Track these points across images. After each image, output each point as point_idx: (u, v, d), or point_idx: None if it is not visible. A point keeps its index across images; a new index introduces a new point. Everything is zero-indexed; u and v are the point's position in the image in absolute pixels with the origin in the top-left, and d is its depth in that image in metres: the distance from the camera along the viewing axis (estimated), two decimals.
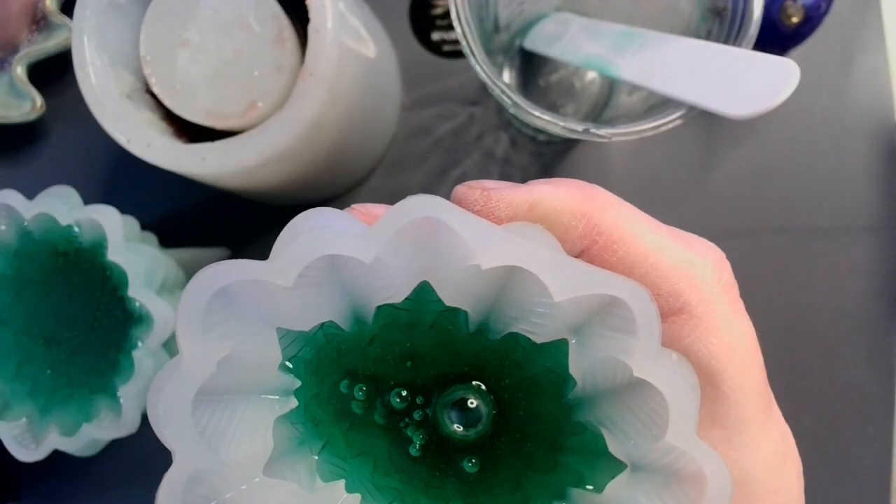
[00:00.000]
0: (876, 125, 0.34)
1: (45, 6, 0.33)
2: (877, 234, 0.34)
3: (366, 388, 0.14)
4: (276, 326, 0.11)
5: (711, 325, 0.13)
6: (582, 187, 0.13)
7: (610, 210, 0.13)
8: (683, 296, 0.13)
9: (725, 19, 0.22)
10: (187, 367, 0.10)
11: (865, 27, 0.34)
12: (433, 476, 0.14)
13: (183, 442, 0.10)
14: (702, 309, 0.13)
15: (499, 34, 0.30)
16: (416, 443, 0.14)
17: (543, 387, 0.13)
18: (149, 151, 0.24)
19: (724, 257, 0.14)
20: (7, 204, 0.24)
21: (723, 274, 0.13)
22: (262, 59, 0.24)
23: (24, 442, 0.24)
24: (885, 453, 0.33)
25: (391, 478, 0.13)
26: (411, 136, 0.35)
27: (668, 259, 0.13)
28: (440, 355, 0.14)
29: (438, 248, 0.10)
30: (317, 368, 0.13)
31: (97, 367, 0.26)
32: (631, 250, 0.13)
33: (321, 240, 0.10)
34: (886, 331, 0.34)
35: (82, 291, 0.26)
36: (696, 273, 0.13)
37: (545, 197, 0.13)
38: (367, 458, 0.13)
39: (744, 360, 0.13)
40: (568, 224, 0.13)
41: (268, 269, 0.10)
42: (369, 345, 0.13)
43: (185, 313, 0.10)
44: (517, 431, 0.14)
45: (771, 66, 0.19)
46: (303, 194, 0.32)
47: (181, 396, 0.10)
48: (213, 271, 0.10)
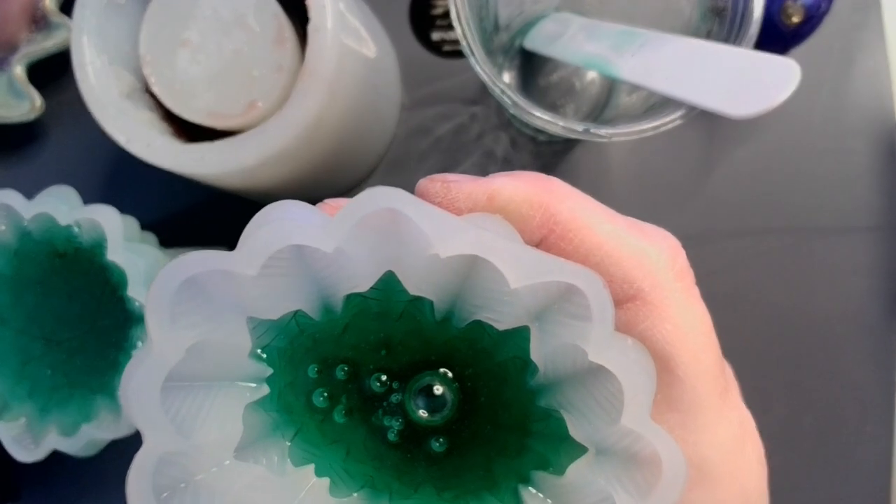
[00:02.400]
0: (876, 125, 0.34)
1: (45, 6, 0.33)
2: (877, 234, 0.34)
3: (347, 370, 0.14)
4: (246, 316, 0.11)
5: (665, 311, 0.13)
6: (539, 179, 0.14)
7: (566, 200, 0.13)
8: (637, 283, 0.13)
9: (725, 19, 0.22)
10: (156, 354, 0.10)
11: (866, 27, 0.34)
12: (406, 461, 0.14)
13: (152, 425, 0.10)
14: (655, 295, 0.13)
15: (499, 34, 0.30)
16: (393, 428, 0.14)
17: (510, 373, 0.13)
18: (148, 151, 0.24)
19: (679, 245, 0.14)
20: (7, 204, 0.24)
21: (676, 261, 0.14)
22: (261, 58, 0.24)
23: (23, 442, 0.24)
24: (885, 453, 0.33)
25: (364, 464, 0.14)
26: (411, 136, 0.35)
27: (623, 247, 0.13)
28: (412, 343, 0.14)
29: (400, 238, 0.11)
30: (291, 357, 0.13)
31: (97, 368, 0.26)
32: (586, 239, 0.13)
33: (284, 230, 0.10)
34: (886, 331, 0.34)
35: (82, 291, 0.26)
36: (650, 261, 0.13)
37: (503, 188, 0.13)
38: (340, 446, 0.14)
39: (697, 344, 0.13)
40: (525, 214, 0.13)
41: (233, 259, 0.10)
42: (343, 334, 0.14)
43: (153, 303, 0.10)
44: (485, 417, 0.14)
45: (771, 65, 0.19)
46: (302, 194, 0.32)
47: (150, 382, 0.10)
48: (180, 262, 0.10)
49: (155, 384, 0.10)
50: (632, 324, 0.13)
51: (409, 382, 0.15)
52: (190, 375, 0.11)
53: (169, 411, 0.10)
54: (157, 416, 0.10)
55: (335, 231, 0.10)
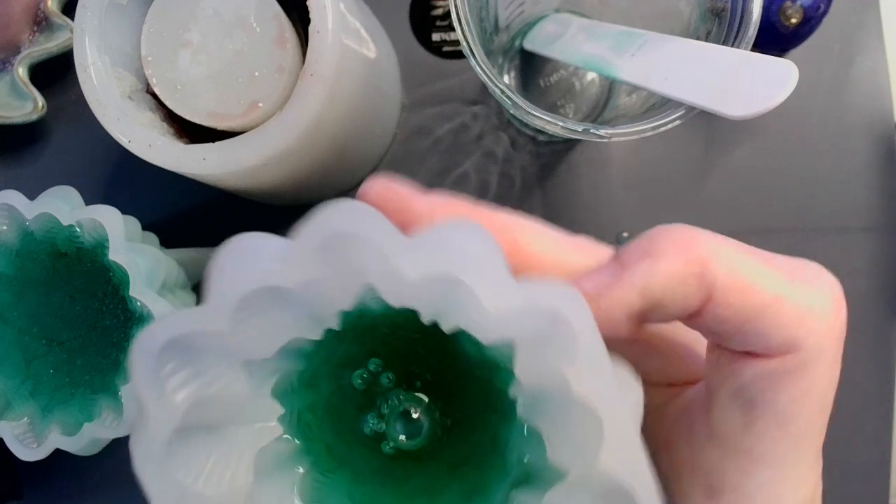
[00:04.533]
0: (875, 126, 0.34)
1: (47, 7, 0.33)
2: (876, 235, 0.34)
3: (372, 369, 0.14)
4: (241, 360, 0.11)
5: (809, 373, 0.12)
6: (682, 245, 0.12)
7: (721, 261, 0.12)
8: (797, 343, 0.12)
9: (724, 20, 0.22)
10: (153, 425, 0.10)
11: (864, 28, 0.34)
12: (400, 478, 0.14)
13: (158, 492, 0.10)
14: (807, 356, 0.12)
15: (499, 35, 0.30)
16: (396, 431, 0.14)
17: (500, 369, 0.13)
18: (150, 152, 0.24)
19: (842, 294, 0.13)
20: (9, 204, 0.24)
21: (838, 319, 0.13)
22: (263, 59, 0.24)
23: (25, 441, 0.24)
24: (885, 453, 0.33)
25: (366, 486, 0.14)
26: (411, 136, 0.35)
27: (786, 306, 0.12)
28: (409, 343, 0.14)
29: (367, 259, 0.10)
30: (311, 379, 0.13)
31: (98, 367, 0.26)
32: (747, 302, 0.12)
33: (245, 275, 0.10)
34: (886, 331, 0.34)
35: (84, 291, 0.26)
36: (813, 320, 0.12)
37: (651, 280, 0.12)
38: (346, 470, 0.14)
39: (820, 407, 0.13)
40: (684, 293, 0.12)
41: (203, 317, 0.10)
42: (349, 344, 0.14)
43: (138, 374, 0.10)
44: (478, 406, 0.14)
45: (770, 66, 0.19)
46: (303, 194, 0.32)
47: (151, 450, 0.10)
48: (153, 328, 0.10)
49: (156, 451, 0.10)
50: (772, 375, 0.12)
51: (390, 408, 0.15)
52: (194, 425, 0.10)
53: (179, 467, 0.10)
54: (163, 482, 0.10)
55: (297, 262, 0.10)
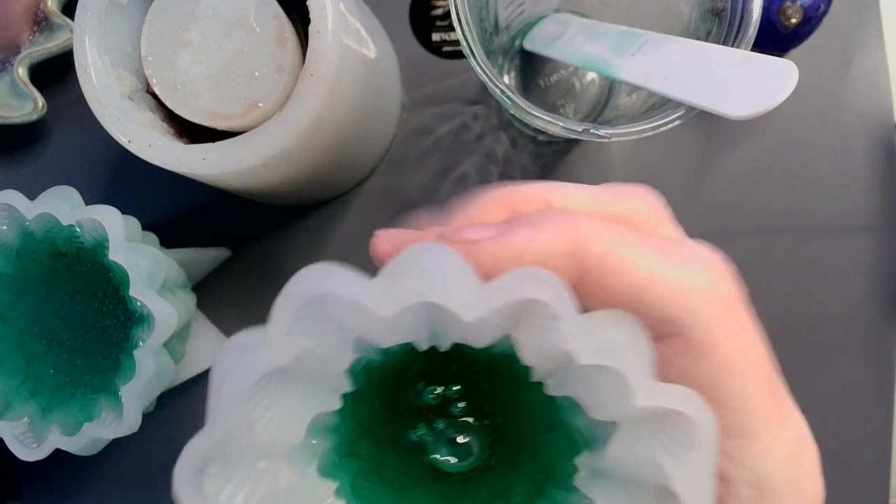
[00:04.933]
0: (875, 126, 0.34)
1: (47, 7, 0.33)
2: (876, 235, 0.34)
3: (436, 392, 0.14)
4: (355, 336, 0.11)
5: (707, 344, 0.13)
6: (563, 224, 0.13)
7: (596, 243, 0.13)
8: (678, 321, 0.13)
9: (724, 20, 0.22)
10: (264, 354, 0.10)
11: (864, 28, 0.34)
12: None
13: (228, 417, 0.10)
14: (696, 329, 0.13)
15: (499, 35, 0.30)
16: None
17: (516, 370, 0.13)
18: (150, 152, 0.24)
19: (723, 268, 0.13)
20: (9, 204, 0.24)
21: (718, 288, 0.13)
22: (263, 59, 0.24)
23: (25, 441, 0.24)
24: (885, 453, 0.33)
25: (370, 481, 0.14)
26: (411, 136, 0.35)
27: (661, 284, 0.13)
28: (425, 366, 0.15)
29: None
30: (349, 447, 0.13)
31: (98, 367, 0.26)
32: (622, 282, 0.12)
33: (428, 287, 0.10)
34: (886, 331, 0.34)
35: (84, 291, 0.26)
36: (689, 294, 0.13)
37: (529, 246, 0.12)
38: (354, 460, 0.14)
39: (745, 370, 0.13)
40: (557, 268, 0.12)
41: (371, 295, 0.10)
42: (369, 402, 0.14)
43: (283, 304, 0.10)
44: (504, 418, 0.15)
45: (770, 66, 0.19)
46: (303, 194, 0.32)
47: (247, 377, 0.10)
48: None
49: (250, 380, 0.10)
50: (673, 359, 0.13)
51: (435, 431, 0.15)
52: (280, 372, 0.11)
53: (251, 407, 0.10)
54: (239, 412, 0.10)
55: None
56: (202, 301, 0.32)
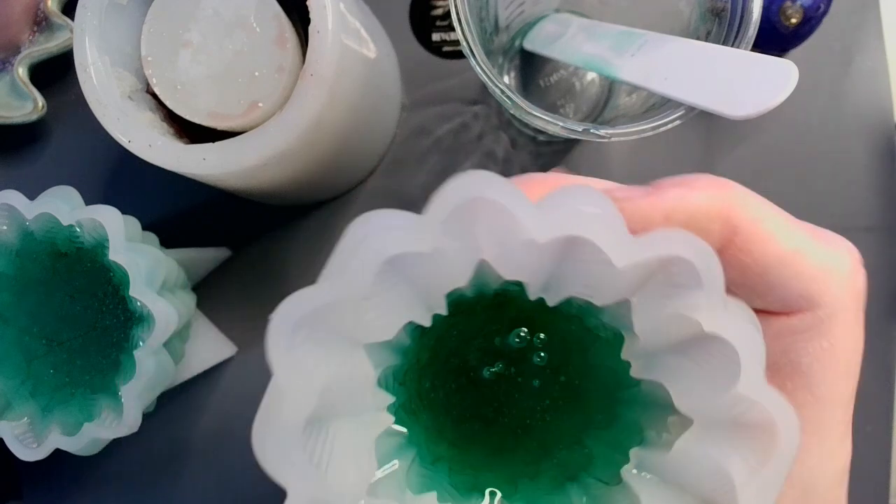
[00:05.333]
0: (875, 126, 0.34)
1: (47, 7, 0.33)
2: (876, 235, 0.34)
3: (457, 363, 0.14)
4: (363, 343, 0.11)
5: (829, 330, 0.13)
6: (715, 185, 0.13)
7: (747, 209, 0.13)
8: (814, 298, 0.13)
9: (724, 20, 0.22)
10: (291, 402, 0.10)
11: (864, 28, 0.34)
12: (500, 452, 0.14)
13: (297, 474, 0.10)
14: (825, 313, 0.13)
15: (499, 35, 0.30)
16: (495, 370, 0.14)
17: (602, 339, 0.13)
18: (150, 152, 0.24)
19: (860, 260, 0.13)
20: (8, 204, 0.24)
21: (857, 280, 0.13)
22: (263, 59, 0.24)
23: (25, 441, 0.24)
24: (885, 453, 0.33)
25: (465, 475, 0.14)
26: (411, 136, 0.35)
27: (805, 260, 0.13)
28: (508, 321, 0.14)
29: (492, 226, 0.10)
30: (405, 374, 0.13)
31: (99, 367, 0.26)
32: (768, 251, 0.12)
33: (380, 243, 0.10)
34: (886, 331, 0.34)
35: (84, 291, 0.26)
36: (831, 277, 0.13)
37: (679, 204, 0.12)
38: (443, 464, 0.14)
39: (845, 371, 0.13)
40: (707, 228, 0.12)
41: (342, 286, 0.10)
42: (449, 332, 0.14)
43: (274, 350, 0.10)
44: (575, 384, 0.14)
45: (770, 66, 0.19)
46: (303, 194, 0.32)
47: (290, 430, 0.10)
48: (290, 303, 0.10)
49: (294, 434, 0.09)
50: (792, 332, 0.13)
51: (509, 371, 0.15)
52: (319, 416, 0.10)
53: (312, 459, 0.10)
54: (300, 464, 0.10)
55: (428, 229, 0.10)
56: (202, 301, 0.32)
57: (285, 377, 0.10)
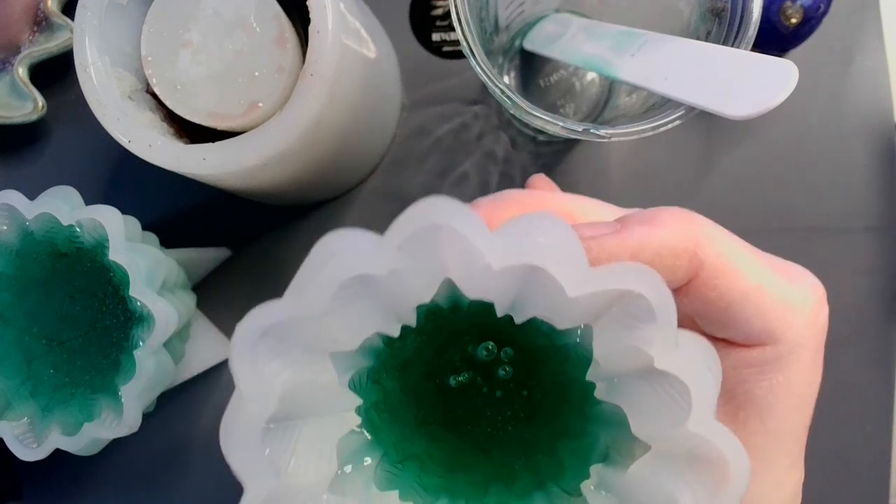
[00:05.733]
0: (875, 126, 0.34)
1: (47, 7, 0.33)
2: (876, 235, 0.34)
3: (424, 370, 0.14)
4: (328, 352, 0.11)
5: (786, 366, 0.13)
6: (681, 220, 0.13)
7: (713, 244, 0.13)
8: (775, 334, 0.13)
9: (724, 20, 0.22)
10: (250, 408, 0.10)
11: (864, 28, 0.34)
12: (475, 456, 0.15)
13: (252, 475, 0.10)
14: (784, 349, 0.13)
15: (499, 35, 0.30)
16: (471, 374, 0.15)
17: (571, 356, 0.13)
18: (150, 152, 0.24)
19: (823, 294, 0.14)
20: (8, 204, 0.24)
21: (818, 318, 0.14)
22: (263, 59, 0.24)
23: (25, 441, 0.24)
24: (885, 453, 0.33)
25: (438, 477, 0.14)
26: (411, 136, 0.35)
27: (768, 296, 0.13)
28: (479, 328, 0.15)
29: (452, 251, 0.11)
30: (377, 375, 0.13)
31: (99, 367, 0.26)
32: (732, 286, 0.13)
33: (338, 265, 0.10)
34: (886, 331, 0.34)
35: (84, 291, 0.26)
36: (794, 314, 0.13)
37: (646, 241, 0.13)
38: (413, 462, 0.14)
39: (798, 405, 0.13)
40: (673, 265, 0.13)
41: (302, 304, 0.10)
42: (420, 341, 0.14)
43: (237, 361, 0.10)
44: (538, 396, 0.15)
45: (770, 66, 0.19)
46: (303, 194, 0.32)
47: (248, 432, 0.10)
48: (252, 317, 0.10)
49: (252, 435, 0.10)
50: (751, 364, 0.13)
51: (476, 381, 0.15)
52: (282, 416, 0.11)
53: (267, 456, 0.10)
54: (258, 465, 0.10)
55: (384, 254, 0.10)
56: (202, 301, 0.32)
57: (246, 385, 0.10)
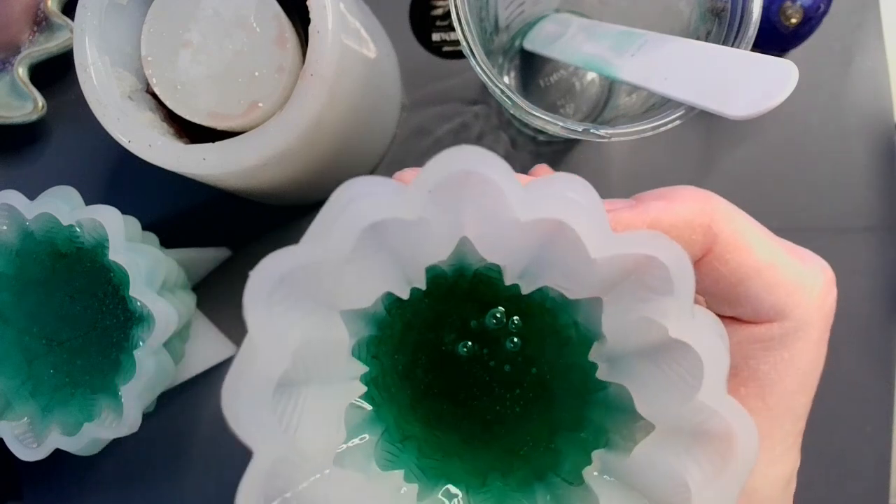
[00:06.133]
0: (875, 126, 0.34)
1: (47, 7, 0.33)
2: (876, 235, 0.34)
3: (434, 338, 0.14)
4: (339, 309, 0.11)
5: (791, 343, 0.13)
6: (698, 198, 0.13)
7: (728, 220, 0.13)
8: (784, 311, 0.13)
9: (724, 20, 0.22)
10: (264, 360, 0.09)
11: (864, 28, 0.34)
12: (472, 443, 0.14)
13: (263, 434, 0.09)
14: (791, 326, 0.13)
15: (499, 35, 0.30)
16: (468, 351, 0.14)
17: (573, 338, 0.13)
18: (150, 152, 0.24)
19: (833, 278, 0.14)
20: (9, 204, 0.24)
21: (827, 299, 0.14)
22: (263, 59, 0.24)
23: (25, 441, 0.24)
24: (885, 453, 0.33)
25: (435, 459, 0.14)
26: (411, 136, 0.35)
27: (779, 274, 0.13)
28: (482, 301, 0.14)
29: (478, 202, 0.10)
30: (378, 347, 0.13)
31: (99, 367, 0.26)
32: (744, 262, 0.13)
33: (364, 208, 0.10)
34: (886, 331, 0.34)
35: (84, 291, 0.26)
36: (804, 292, 0.13)
37: (663, 215, 0.13)
38: (412, 443, 0.14)
39: (800, 385, 0.13)
40: (688, 238, 0.13)
41: (324, 248, 0.10)
42: (426, 308, 0.14)
43: (251, 305, 0.09)
44: (547, 380, 0.14)
45: (770, 66, 0.19)
46: (303, 194, 0.32)
47: (260, 389, 0.09)
48: (270, 260, 0.10)
49: (264, 392, 0.09)
50: (756, 340, 0.13)
51: (481, 351, 0.15)
52: (292, 379, 0.10)
53: (281, 419, 0.10)
54: (269, 424, 0.09)
55: (415, 198, 0.10)
56: (202, 301, 0.32)
57: (260, 334, 0.09)
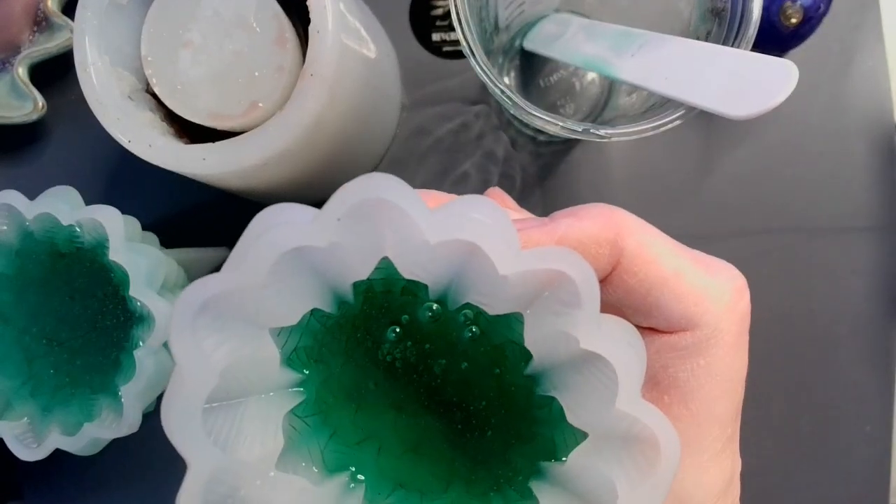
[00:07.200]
0: (875, 126, 0.34)
1: (47, 7, 0.33)
2: (876, 235, 0.34)
3: (398, 332, 0.14)
4: (267, 327, 0.12)
5: (706, 350, 0.13)
6: (604, 214, 0.14)
7: (633, 234, 0.13)
8: (694, 319, 0.13)
9: (724, 20, 0.22)
10: (190, 384, 0.10)
11: (864, 28, 0.34)
12: (436, 451, 0.14)
13: (195, 450, 0.10)
14: (704, 334, 0.13)
15: (499, 35, 0.30)
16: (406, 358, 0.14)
17: (508, 357, 0.14)
18: (150, 152, 0.24)
19: (745, 286, 0.14)
20: (8, 204, 0.24)
21: (738, 305, 0.14)
22: (263, 59, 0.24)
23: (25, 441, 0.24)
24: (884, 453, 0.33)
25: (397, 459, 0.14)
26: (411, 136, 0.35)
27: (686, 283, 0.13)
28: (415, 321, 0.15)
29: (391, 225, 0.11)
30: (319, 355, 0.13)
31: (99, 367, 0.26)
32: (651, 273, 0.13)
33: (279, 236, 0.10)
34: (886, 331, 0.34)
35: (84, 291, 0.26)
36: (711, 299, 0.13)
37: (570, 231, 0.13)
38: (372, 443, 0.14)
39: (722, 390, 0.13)
40: (595, 253, 0.13)
41: (240, 275, 0.10)
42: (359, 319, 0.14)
43: (176, 334, 0.10)
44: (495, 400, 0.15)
45: (770, 66, 0.19)
46: (303, 194, 0.32)
47: (188, 410, 0.10)
48: (192, 290, 0.10)
49: (193, 411, 0.10)
50: (673, 349, 0.13)
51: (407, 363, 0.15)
52: (225, 394, 0.11)
53: (210, 433, 0.10)
54: (200, 441, 0.10)
55: (325, 226, 0.10)
56: None
57: (185, 359, 0.10)
